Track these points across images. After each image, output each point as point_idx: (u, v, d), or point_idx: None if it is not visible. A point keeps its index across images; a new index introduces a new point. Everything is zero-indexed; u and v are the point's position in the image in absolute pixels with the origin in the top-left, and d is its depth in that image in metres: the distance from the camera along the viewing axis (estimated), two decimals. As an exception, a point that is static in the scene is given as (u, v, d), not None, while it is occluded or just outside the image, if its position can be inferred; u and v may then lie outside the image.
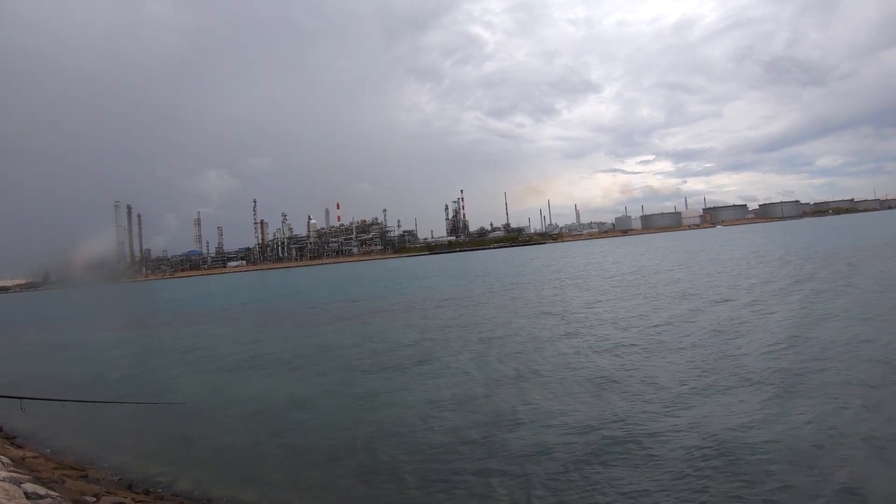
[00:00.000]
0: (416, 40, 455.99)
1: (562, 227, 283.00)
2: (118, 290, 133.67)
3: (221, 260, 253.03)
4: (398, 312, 32.27)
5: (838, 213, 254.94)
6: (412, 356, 18.67)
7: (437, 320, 26.93)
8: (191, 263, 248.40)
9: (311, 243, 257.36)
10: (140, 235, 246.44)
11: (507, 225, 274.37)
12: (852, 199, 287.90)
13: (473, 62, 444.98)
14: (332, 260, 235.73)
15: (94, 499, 8.06)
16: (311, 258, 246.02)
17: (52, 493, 7.29)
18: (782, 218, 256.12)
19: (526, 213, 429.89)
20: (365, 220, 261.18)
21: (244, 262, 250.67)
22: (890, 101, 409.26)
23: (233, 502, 8.78)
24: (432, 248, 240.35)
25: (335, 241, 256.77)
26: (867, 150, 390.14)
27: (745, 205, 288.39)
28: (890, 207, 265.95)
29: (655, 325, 20.06)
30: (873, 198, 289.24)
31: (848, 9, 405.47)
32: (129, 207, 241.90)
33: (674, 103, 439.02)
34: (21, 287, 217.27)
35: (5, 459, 9.24)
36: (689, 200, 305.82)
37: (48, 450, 11.72)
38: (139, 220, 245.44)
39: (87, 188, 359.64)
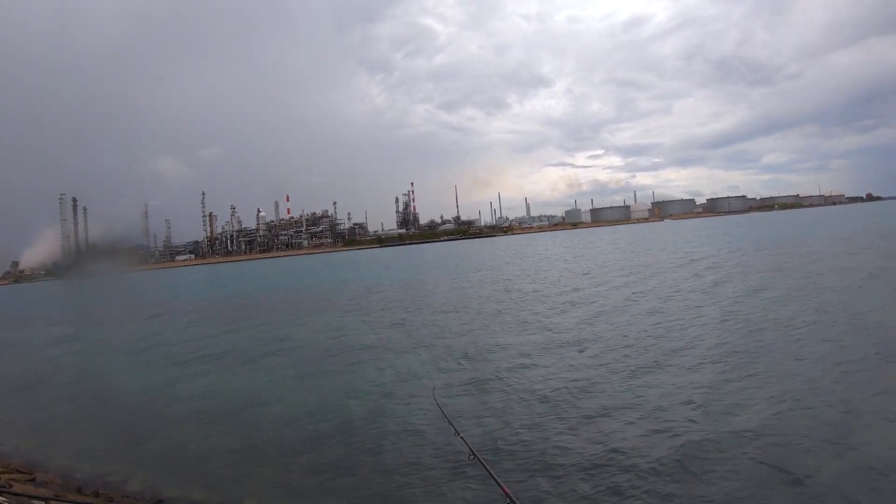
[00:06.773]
0: (366, 31, 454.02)
1: (512, 220, 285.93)
2: (63, 286, 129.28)
3: (170, 254, 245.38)
4: (347, 307, 32.34)
5: (784, 209, 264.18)
6: (361, 350, 18.97)
7: (385, 314, 27.25)
8: (138, 258, 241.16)
9: (260, 236, 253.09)
10: (86, 229, 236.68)
11: (458, 218, 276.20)
12: (797, 195, 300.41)
13: (425, 54, 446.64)
14: (281, 253, 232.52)
15: (43, 502, 8.00)
16: (260, 251, 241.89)
17: (-1, 497, 7.22)
18: (729, 212, 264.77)
19: (476, 205, 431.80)
20: (315, 213, 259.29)
21: (192, 255, 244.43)
22: (835, 101, 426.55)
23: (183, 502, 8.82)
24: (382, 240, 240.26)
25: (285, 234, 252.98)
26: (812, 147, 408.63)
27: (693, 199, 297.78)
28: (834, 203, 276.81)
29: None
30: (818, 193, 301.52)
31: (797, 12, 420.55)
32: (74, 200, 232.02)
33: (624, 99, 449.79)
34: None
35: (-52, 465, 9.07)
36: (637, 194, 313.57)
37: (-7, 454, 11.46)
38: (84, 213, 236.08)
39: (31, 179, 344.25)
